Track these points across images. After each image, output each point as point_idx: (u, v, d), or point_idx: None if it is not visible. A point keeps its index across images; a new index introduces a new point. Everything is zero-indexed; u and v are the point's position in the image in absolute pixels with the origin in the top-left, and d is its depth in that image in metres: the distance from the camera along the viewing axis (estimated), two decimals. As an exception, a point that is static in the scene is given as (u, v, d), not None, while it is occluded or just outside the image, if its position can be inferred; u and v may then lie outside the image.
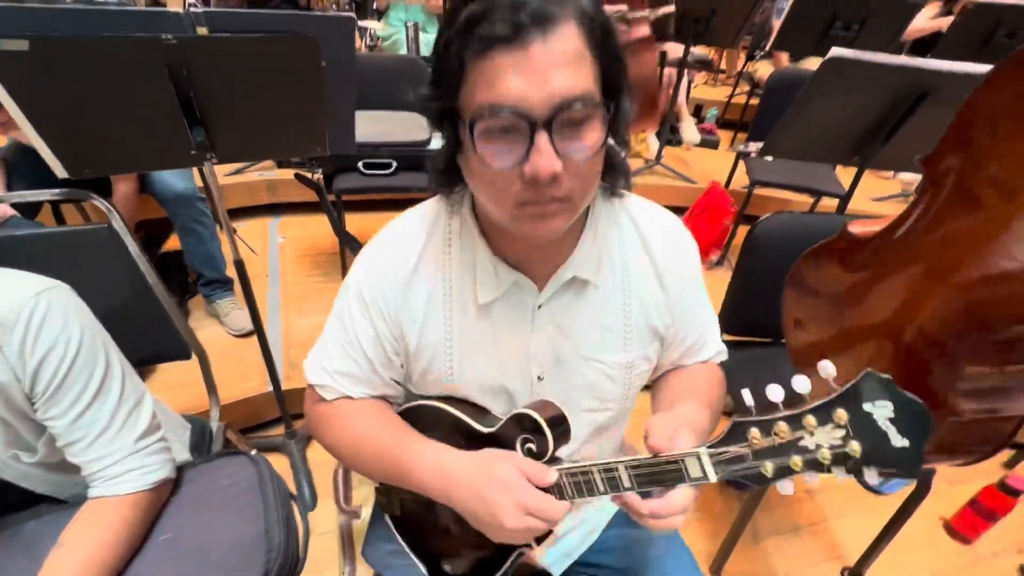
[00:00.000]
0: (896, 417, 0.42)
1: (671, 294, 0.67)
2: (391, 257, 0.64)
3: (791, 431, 0.45)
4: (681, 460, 0.50)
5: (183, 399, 1.58)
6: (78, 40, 0.80)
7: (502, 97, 0.45)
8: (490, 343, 0.64)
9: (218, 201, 1.17)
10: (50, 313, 0.62)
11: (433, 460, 0.61)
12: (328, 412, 0.70)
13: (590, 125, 0.48)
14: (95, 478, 0.67)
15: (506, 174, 0.48)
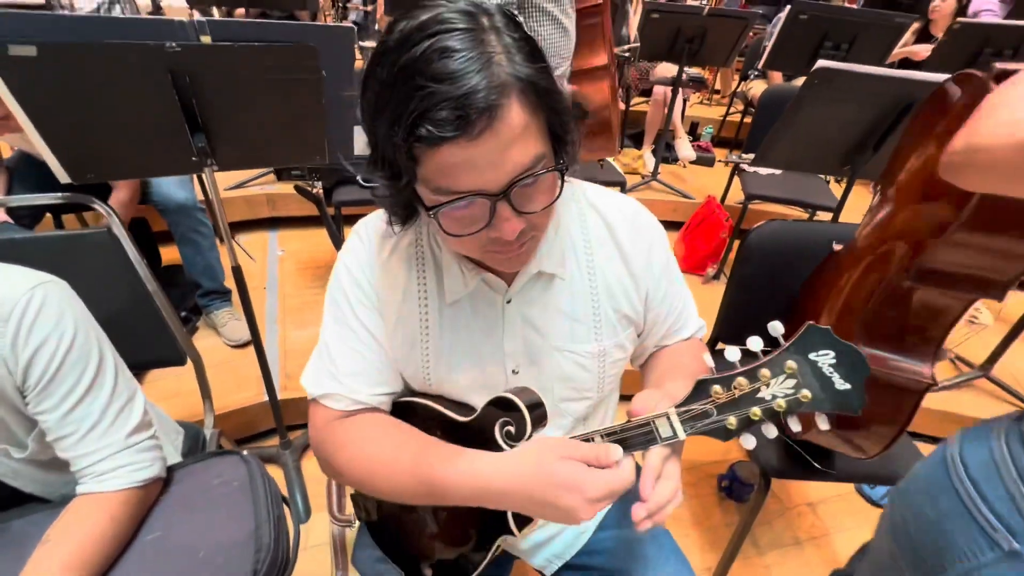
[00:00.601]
0: (837, 363, 0.48)
1: (640, 280, 0.67)
2: (370, 250, 0.65)
3: (749, 383, 0.50)
4: (651, 421, 0.53)
5: (177, 408, 1.57)
6: (84, 46, 0.83)
7: (459, 186, 0.47)
8: (463, 338, 0.65)
9: (218, 208, 1.18)
10: (45, 306, 0.63)
11: (471, 471, 0.54)
12: (345, 430, 0.65)
13: (545, 181, 0.50)
14: (84, 474, 0.67)
15: (471, 239, 0.51)
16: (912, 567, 0.64)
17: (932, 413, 1.84)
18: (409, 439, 0.63)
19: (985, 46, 2.37)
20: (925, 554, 0.61)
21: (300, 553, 1.40)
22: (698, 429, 0.52)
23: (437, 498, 0.56)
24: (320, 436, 0.67)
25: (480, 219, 0.49)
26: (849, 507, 1.65)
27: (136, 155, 1.04)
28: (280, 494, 0.81)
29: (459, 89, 0.42)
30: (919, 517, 0.63)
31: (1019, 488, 0.53)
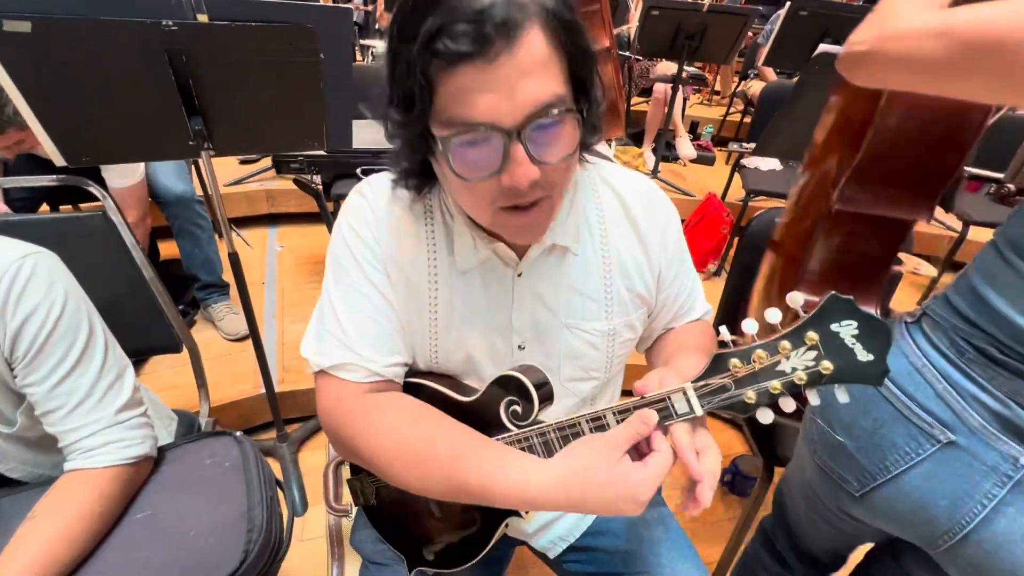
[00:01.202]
0: (860, 334, 0.45)
1: (654, 258, 0.66)
2: (376, 209, 0.61)
3: (769, 356, 0.48)
4: (667, 397, 0.51)
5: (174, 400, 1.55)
6: (79, 21, 0.82)
7: (473, 115, 0.44)
8: (471, 311, 0.63)
9: (214, 194, 1.17)
10: (34, 276, 0.62)
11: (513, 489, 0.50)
12: (367, 410, 0.59)
13: (564, 127, 0.48)
14: (72, 449, 0.65)
15: (483, 186, 0.49)
16: (852, 474, 0.66)
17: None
18: (441, 429, 0.56)
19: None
20: (865, 460, 0.64)
21: (297, 546, 1.39)
22: (716, 404, 0.50)
23: (475, 500, 0.52)
24: (335, 417, 0.60)
25: (492, 161, 0.47)
26: (853, 502, 1.63)
27: (132, 138, 1.03)
28: (274, 476, 0.80)
29: (478, 3, 0.42)
30: (854, 428, 0.66)
31: (944, 385, 0.58)
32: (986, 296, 0.56)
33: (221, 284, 1.87)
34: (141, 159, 1.38)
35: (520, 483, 0.50)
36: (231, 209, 2.47)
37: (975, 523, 0.58)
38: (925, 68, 0.52)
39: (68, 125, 0.96)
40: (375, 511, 0.77)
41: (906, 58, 0.53)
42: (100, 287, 1.03)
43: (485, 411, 0.60)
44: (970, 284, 0.59)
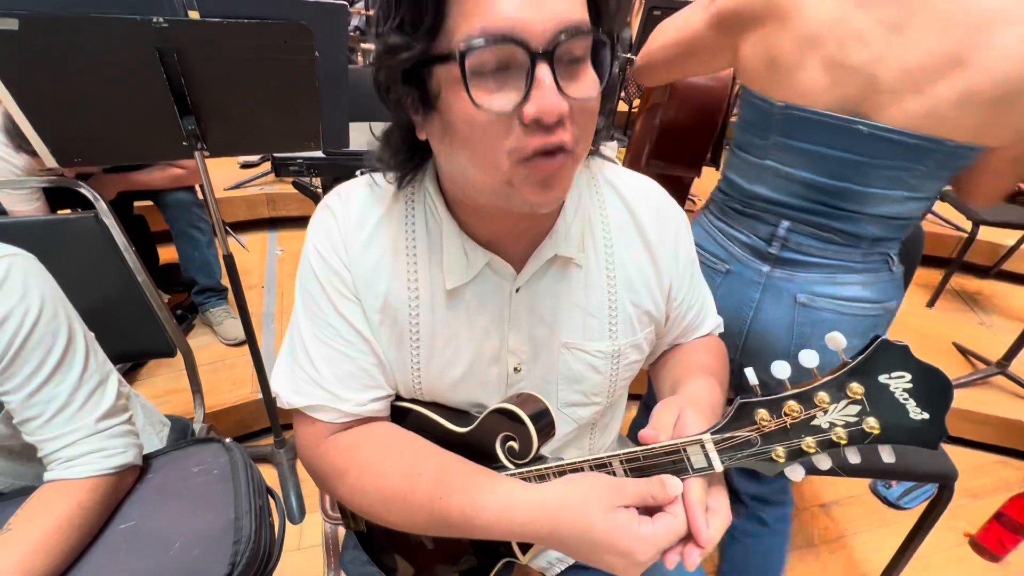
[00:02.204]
0: (914, 388, 0.39)
1: (664, 272, 0.61)
2: (344, 224, 0.54)
3: (803, 410, 0.41)
4: (683, 449, 0.44)
5: (171, 407, 1.54)
6: (68, 19, 0.80)
7: (495, 21, 0.38)
8: (461, 333, 0.57)
9: (209, 196, 1.16)
10: (9, 279, 0.60)
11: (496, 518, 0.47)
12: (346, 449, 0.56)
13: (586, 61, 0.42)
14: (52, 459, 0.63)
15: (500, 124, 0.41)
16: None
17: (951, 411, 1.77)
18: (423, 463, 0.53)
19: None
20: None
21: (295, 555, 1.36)
22: (737, 460, 0.43)
23: (459, 532, 0.49)
24: (312, 457, 0.57)
25: (514, 85, 0.40)
26: (864, 508, 1.59)
27: (124, 138, 1.01)
28: (264, 484, 0.77)
29: None
30: None
31: (718, 235, 0.93)
32: (731, 177, 0.92)
33: (219, 288, 1.85)
34: (134, 159, 1.37)
35: (504, 505, 0.46)
36: (231, 213, 2.47)
37: (750, 321, 0.88)
38: (654, 71, 1.00)
39: (59, 125, 0.94)
40: (366, 536, 0.74)
41: (654, 64, 0.99)
42: (93, 290, 1.02)
43: (480, 445, 0.55)
44: (724, 174, 0.94)
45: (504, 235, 0.54)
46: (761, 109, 0.83)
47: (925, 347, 2.09)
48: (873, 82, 0.71)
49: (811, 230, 0.83)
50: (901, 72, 0.69)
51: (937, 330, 2.18)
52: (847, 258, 0.83)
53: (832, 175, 0.78)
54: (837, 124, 0.75)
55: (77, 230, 0.98)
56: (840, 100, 0.74)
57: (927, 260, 2.60)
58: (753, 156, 0.87)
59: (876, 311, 0.85)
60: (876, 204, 0.78)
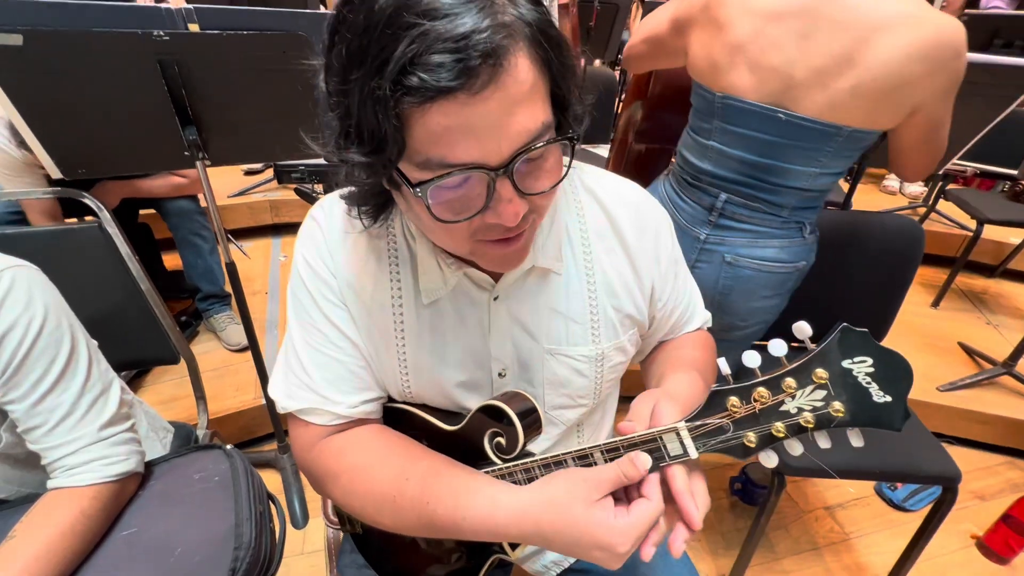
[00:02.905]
0: (876, 372, 0.40)
1: (644, 275, 0.61)
2: (330, 234, 0.55)
3: (771, 395, 0.43)
4: (659, 437, 0.46)
5: (175, 413, 1.56)
6: (71, 33, 0.82)
7: (455, 156, 0.39)
8: (444, 341, 0.58)
9: (211, 203, 1.17)
10: (13, 291, 0.61)
11: (481, 519, 0.48)
12: (338, 452, 0.57)
13: (552, 156, 0.44)
14: (55, 467, 0.64)
15: (462, 224, 0.43)
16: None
17: (956, 412, 1.76)
18: (412, 465, 0.54)
19: (995, 37, 2.32)
20: None
21: (299, 559, 1.37)
22: (712, 447, 0.46)
23: (446, 533, 0.50)
24: (306, 460, 0.59)
25: (476, 201, 0.42)
26: (869, 511, 1.58)
27: (127, 149, 1.03)
28: (265, 490, 0.78)
29: (457, 28, 0.35)
30: None
31: (674, 209, 1.11)
32: (684, 154, 1.09)
33: (223, 294, 1.87)
34: (137, 170, 1.39)
35: (488, 509, 0.48)
36: (235, 220, 2.49)
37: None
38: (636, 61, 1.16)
39: (64, 137, 0.96)
40: (362, 539, 0.74)
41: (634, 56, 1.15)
42: (97, 298, 1.03)
43: (468, 442, 0.56)
44: (679, 150, 1.11)
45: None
46: (706, 99, 0.99)
47: (930, 347, 2.08)
48: (789, 79, 0.87)
49: (743, 201, 1.01)
50: (809, 71, 0.85)
51: (942, 330, 2.17)
52: (769, 224, 1.01)
53: (761, 154, 0.95)
54: (763, 112, 0.92)
55: (81, 239, 0.99)
56: (766, 94, 0.91)
57: (931, 259, 2.59)
58: (701, 137, 1.04)
59: (788, 270, 1.04)
60: (795, 178, 0.95)
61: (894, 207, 2.93)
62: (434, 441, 0.58)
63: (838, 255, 1.21)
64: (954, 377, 1.86)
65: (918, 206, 2.90)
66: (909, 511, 1.57)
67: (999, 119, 1.20)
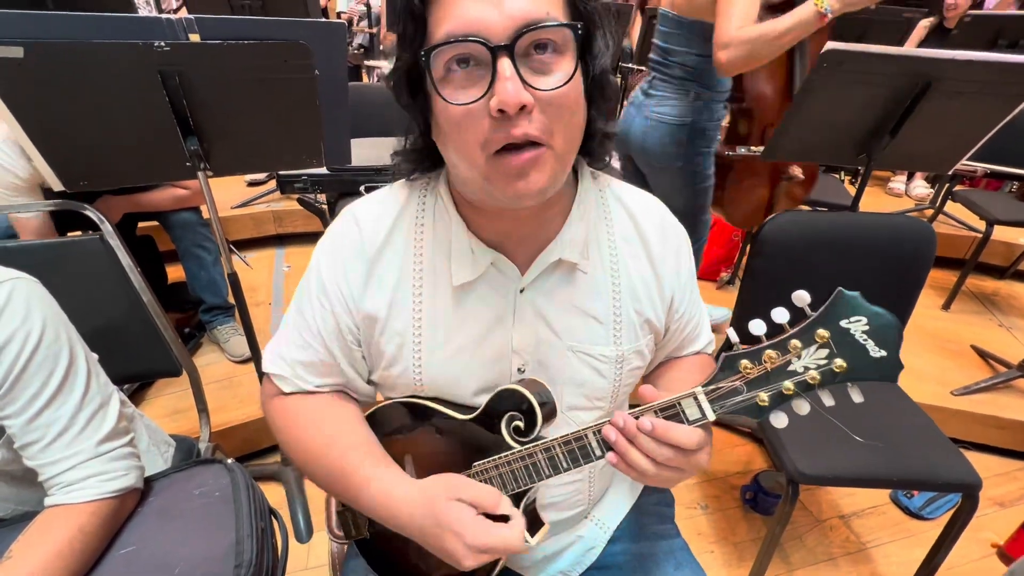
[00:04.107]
0: (871, 329, 0.45)
1: (666, 284, 0.63)
2: (356, 239, 0.58)
3: (779, 356, 0.47)
4: (677, 403, 0.49)
5: (178, 425, 1.54)
6: (72, 45, 0.82)
7: (459, 24, 0.43)
8: (465, 330, 0.59)
9: (212, 214, 1.16)
10: (11, 303, 0.60)
11: (384, 490, 0.55)
12: (285, 410, 0.64)
13: (559, 56, 0.45)
14: (52, 484, 0.63)
15: (472, 115, 0.44)
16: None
17: (972, 417, 1.73)
18: (340, 435, 0.61)
19: (999, 37, 2.31)
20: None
21: (302, 574, 1.34)
22: (728, 408, 0.49)
23: (354, 498, 0.58)
24: (266, 408, 0.68)
25: (481, 81, 0.44)
26: (885, 519, 1.54)
27: (128, 160, 1.03)
28: (267, 506, 0.76)
29: None
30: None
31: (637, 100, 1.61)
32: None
33: (226, 306, 1.86)
34: (139, 181, 1.38)
35: (385, 492, 0.55)
36: (238, 231, 2.49)
37: (628, 129, 1.60)
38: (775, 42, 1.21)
39: (65, 150, 0.96)
40: (367, 544, 0.72)
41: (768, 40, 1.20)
42: (99, 311, 1.02)
43: (485, 428, 0.57)
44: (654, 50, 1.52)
45: (510, 237, 0.57)
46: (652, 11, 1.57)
47: (943, 350, 2.04)
48: None
49: (656, 75, 1.50)
50: None
51: (954, 333, 2.13)
52: (667, 90, 1.48)
53: (665, 41, 1.45)
54: (664, 13, 1.44)
55: (83, 252, 0.98)
56: (667, 4, 1.42)
57: (941, 261, 2.56)
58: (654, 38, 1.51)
59: (680, 122, 1.47)
60: (679, 56, 1.42)
61: (901, 209, 2.90)
62: (449, 431, 0.60)
63: (848, 257, 1.19)
64: (968, 381, 1.82)
65: (925, 208, 2.87)
66: (926, 519, 1.53)
67: (1008, 118, 1.19)
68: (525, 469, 0.55)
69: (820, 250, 1.19)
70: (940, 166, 1.40)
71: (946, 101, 1.16)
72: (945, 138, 1.27)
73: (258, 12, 2.30)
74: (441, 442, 0.61)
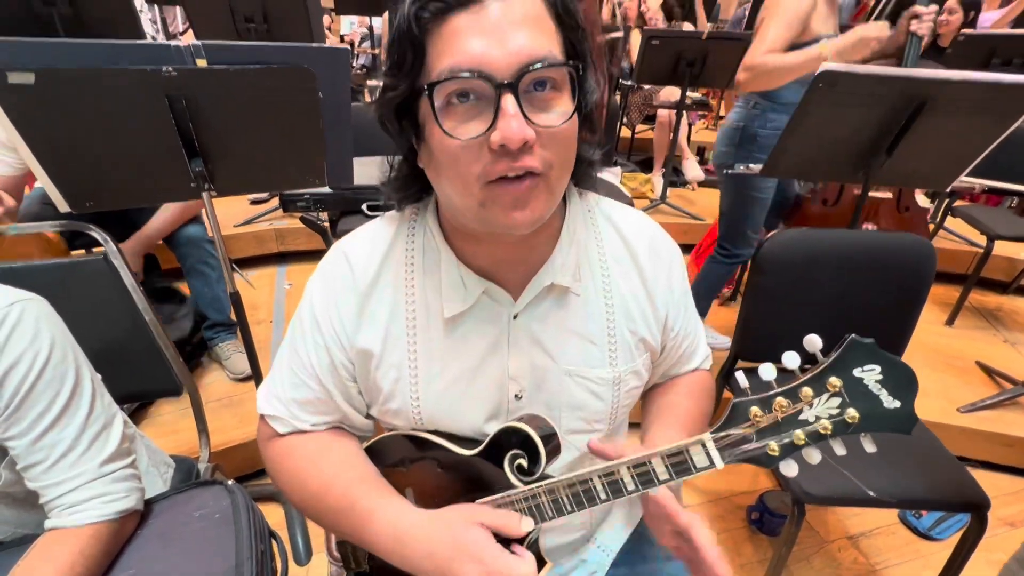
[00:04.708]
0: (884, 379, 0.43)
1: (659, 302, 0.63)
2: (347, 275, 0.58)
3: (791, 404, 0.45)
4: (685, 449, 0.48)
5: (177, 445, 1.53)
6: (82, 72, 0.84)
7: (463, 59, 0.43)
8: (461, 360, 0.59)
9: (216, 234, 1.18)
10: (20, 324, 0.60)
11: (390, 520, 0.54)
12: (282, 451, 0.64)
13: (558, 92, 0.46)
14: (53, 506, 0.62)
15: (471, 148, 0.45)
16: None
17: (979, 434, 1.71)
18: (340, 472, 0.60)
19: (992, 56, 2.34)
20: None
21: (300, 598, 1.32)
22: (737, 457, 0.47)
23: (362, 545, 0.56)
24: (263, 448, 0.67)
25: (482, 117, 0.44)
26: (894, 540, 1.51)
27: (134, 182, 1.04)
28: (267, 528, 0.76)
29: None
30: None
31: None
32: None
33: (229, 323, 1.86)
34: (144, 202, 1.40)
35: (393, 522, 0.54)
36: (241, 249, 2.51)
37: None
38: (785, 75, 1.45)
39: (72, 171, 0.97)
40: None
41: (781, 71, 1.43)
42: (102, 330, 1.03)
43: (487, 466, 0.56)
44: None
45: (501, 263, 0.57)
46: None
47: (947, 366, 2.03)
48: None
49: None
50: None
51: (959, 349, 2.12)
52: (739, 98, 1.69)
53: None
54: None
55: (88, 272, 0.99)
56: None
57: (943, 277, 2.55)
58: None
59: (735, 125, 1.70)
60: None
61: (901, 225, 2.91)
62: (450, 467, 0.59)
63: (849, 275, 1.19)
64: (974, 397, 1.80)
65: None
66: (936, 540, 1.50)
67: (1003, 136, 1.20)
68: (528, 511, 0.54)
69: (821, 268, 1.19)
70: (938, 183, 1.41)
71: (941, 120, 1.18)
72: (942, 156, 1.29)
73: (263, 34, 2.35)
74: (442, 477, 0.61)
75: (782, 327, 1.21)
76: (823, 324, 1.20)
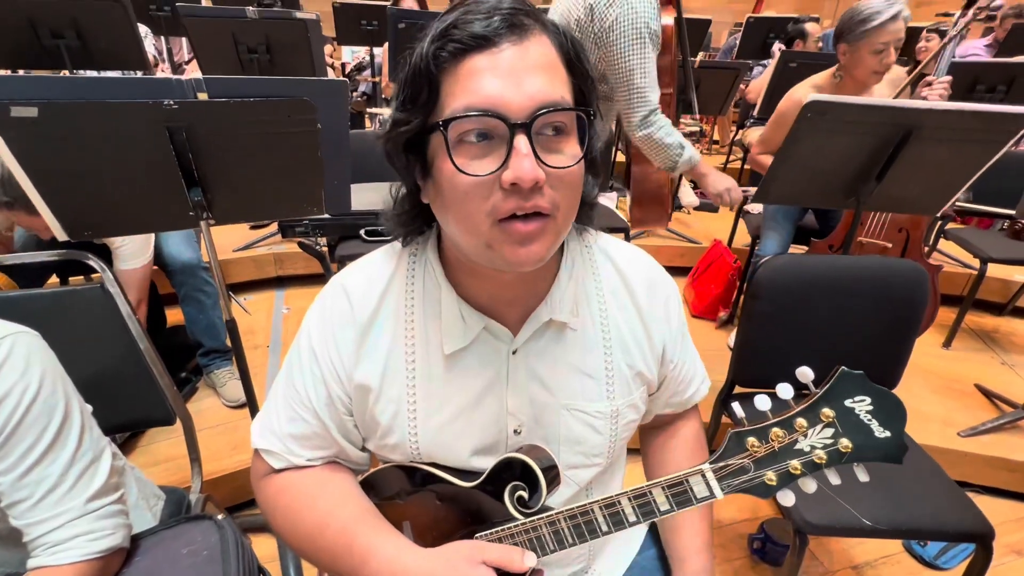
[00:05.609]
0: (875, 410, 0.45)
1: (656, 336, 0.63)
2: (346, 309, 0.58)
3: (786, 434, 0.47)
4: (685, 480, 0.49)
5: (169, 474, 1.51)
6: (85, 105, 0.85)
7: (479, 99, 0.44)
8: (460, 395, 0.59)
9: (213, 262, 1.18)
10: (10, 358, 0.60)
11: (389, 558, 0.54)
12: (278, 488, 0.63)
13: (567, 136, 0.47)
14: (37, 544, 0.61)
15: (482, 186, 0.45)
16: None
17: (981, 459, 1.69)
18: (336, 509, 0.59)
19: (977, 84, 2.40)
20: None
21: (291, 634, 1.28)
22: (736, 487, 0.49)
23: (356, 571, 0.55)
24: (257, 487, 0.66)
25: (495, 156, 0.45)
26: (900, 569, 1.48)
27: (133, 211, 1.05)
28: (256, 564, 0.74)
29: (490, 3, 0.45)
30: None
31: None
32: None
33: (224, 349, 1.85)
34: (142, 231, 1.41)
35: (392, 559, 0.53)
36: (240, 273, 2.51)
37: None
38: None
39: (70, 201, 0.98)
40: None
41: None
42: (97, 359, 1.02)
43: (487, 498, 0.56)
44: None
45: (500, 299, 0.57)
46: None
47: (947, 389, 2.02)
48: None
49: None
50: None
51: (957, 371, 2.11)
52: None
53: None
54: None
55: (83, 300, 0.99)
56: None
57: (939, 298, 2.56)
58: None
59: None
60: None
61: (895, 247, 2.94)
62: (450, 500, 0.59)
63: (844, 300, 1.20)
64: (974, 421, 1.79)
65: (919, 246, 2.90)
66: (942, 569, 1.47)
67: (991, 162, 1.22)
68: (529, 543, 0.54)
69: (816, 292, 1.20)
70: (928, 208, 1.44)
71: (929, 148, 1.20)
72: (930, 182, 1.31)
73: (266, 64, 2.40)
74: (441, 509, 0.60)
75: (778, 352, 1.21)
76: (820, 349, 1.20)
